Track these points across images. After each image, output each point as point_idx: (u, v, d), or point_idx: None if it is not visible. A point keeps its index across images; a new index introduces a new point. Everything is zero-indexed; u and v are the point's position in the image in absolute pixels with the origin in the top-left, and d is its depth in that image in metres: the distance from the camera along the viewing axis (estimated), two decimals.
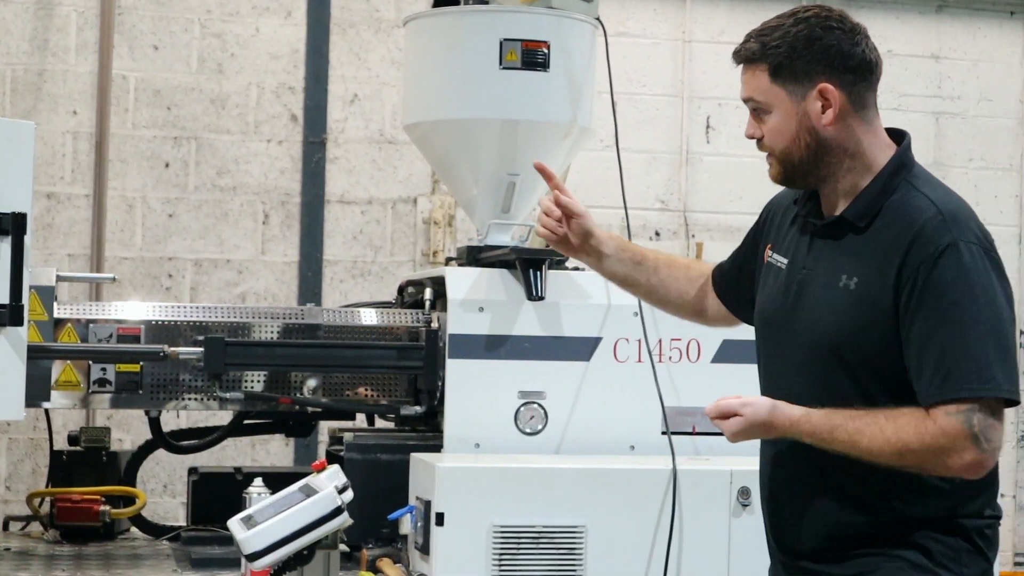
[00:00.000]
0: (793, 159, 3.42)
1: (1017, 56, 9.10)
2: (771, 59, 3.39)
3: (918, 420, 3.19)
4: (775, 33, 3.39)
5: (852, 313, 3.30)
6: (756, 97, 3.43)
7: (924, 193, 3.34)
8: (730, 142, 8.63)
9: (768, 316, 3.56)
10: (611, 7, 8.08)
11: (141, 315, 5.06)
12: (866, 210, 3.36)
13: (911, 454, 3.19)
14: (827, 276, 3.38)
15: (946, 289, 3.20)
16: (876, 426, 3.21)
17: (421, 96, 5.33)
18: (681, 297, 3.96)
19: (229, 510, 4.33)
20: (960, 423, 3.16)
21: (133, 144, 7.88)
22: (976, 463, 3.19)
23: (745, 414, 3.31)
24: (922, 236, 3.24)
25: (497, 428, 4.93)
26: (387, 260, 8.15)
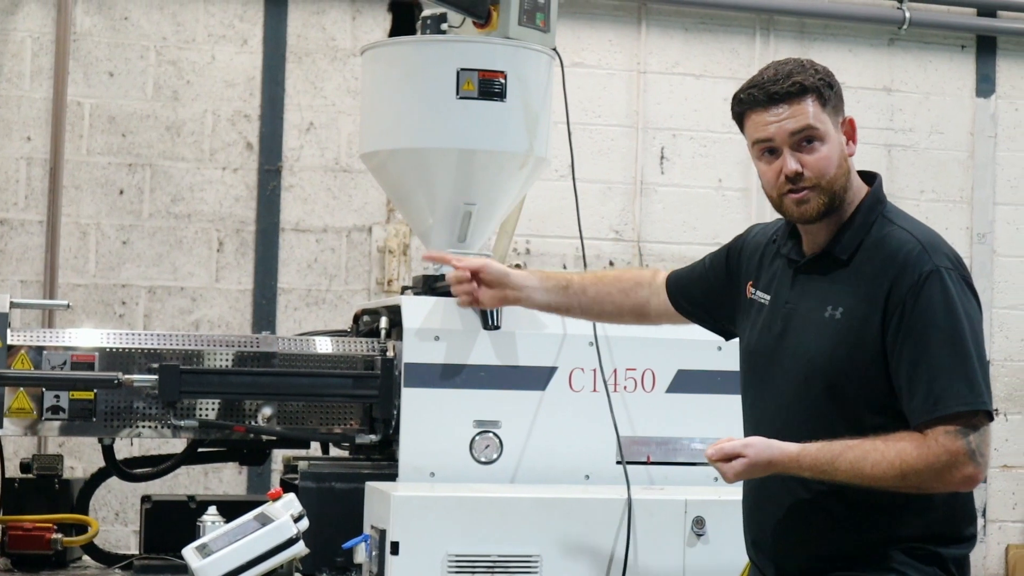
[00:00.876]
0: (835, 188, 3.51)
1: (968, 89, 9.18)
2: (817, 91, 3.51)
3: (918, 442, 3.30)
4: (805, 71, 3.51)
5: (838, 341, 3.41)
6: (814, 124, 3.50)
7: (901, 226, 3.49)
8: (684, 173, 8.67)
9: (755, 350, 3.65)
10: (567, 38, 8.13)
11: (95, 342, 5.03)
12: (850, 243, 3.49)
13: (914, 475, 3.29)
14: (812, 309, 3.49)
15: (932, 314, 3.34)
16: (877, 452, 3.31)
17: (378, 125, 5.33)
18: (618, 308, 4.17)
19: (182, 539, 4.32)
20: (960, 441, 3.28)
21: (87, 170, 7.85)
22: (972, 477, 3.32)
23: (748, 455, 3.39)
24: (906, 265, 3.38)
25: (452, 457, 4.93)
26: (342, 288, 8.15)
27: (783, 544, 3.53)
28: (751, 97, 3.54)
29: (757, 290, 3.69)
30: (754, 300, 3.69)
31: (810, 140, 3.50)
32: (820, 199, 3.50)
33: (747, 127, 3.58)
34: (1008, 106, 9.24)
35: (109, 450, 5.19)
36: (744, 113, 3.58)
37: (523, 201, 5.67)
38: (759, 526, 3.62)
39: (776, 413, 3.53)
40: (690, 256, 8.43)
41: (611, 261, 8.51)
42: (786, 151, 3.49)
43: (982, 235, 9.13)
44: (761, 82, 3.52)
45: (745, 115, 3.57)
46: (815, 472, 3.37)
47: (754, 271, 3.75)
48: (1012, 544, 9.15)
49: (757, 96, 3.52)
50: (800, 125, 3.49)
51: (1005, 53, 9.25)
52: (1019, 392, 9.19)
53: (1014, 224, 9.22)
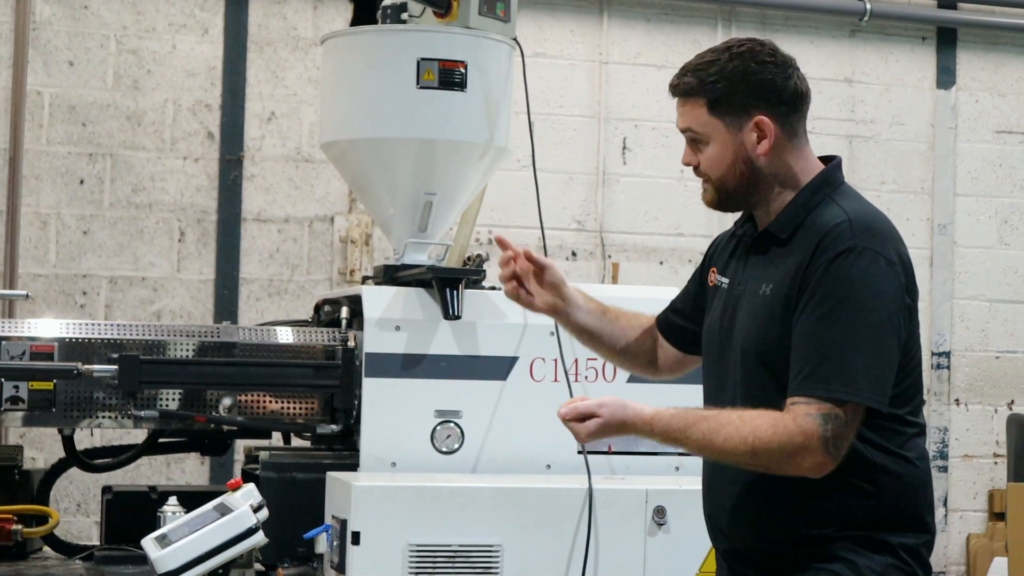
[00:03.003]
0: (728, 186, 3.52)
1: (928, 81, 9.21)
2: (709, 93, 3.48)
3: (775, 419, 3.25)
4: (711, 68, 3.48)
5: (766, 318, 3.39)
6: (695, 128, 3.52)
7: (840, 205, 3.46)
8: (646, 163, 8.68)
9: (710, 334, 3.63)
10: (528, 28, 8.13)
11: (55, 332, 5.02)
12: (787, 223, 3.47)
13: (765, 453, 3.24)
14: (754, 288, 3.47)
15: (832, 290, 3.29)
16: (732, 425, 3.28)
17: (338, 115, 5.33)
18: (639, 346, 3.99)
19: (143, 529, 4.32)
20: (816, 424, 3.22)
21: (47, 160, 7.82)
22: (820, 465, 3.25)
23: (602, 415, 3.36)
24: (825, 240, 3.34)
25: (413, 447, 4.94)
26: (304, 279, 8.13)
27: (734, 522, 3.50)
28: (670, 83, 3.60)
29: (719, 275, 3.68)
30: (717, 286, 3.68)
31: (694, 140, 3.53)
32: (712, 193, 3.55)
33: None
34: (968, 98, 9.28)
35: (69, 440, 5.17)
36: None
37: (484, 191, 5.67)
38: (713, 502, 3.59)
39: (726, 393, 3.50)
40: (652, 246, 8.54)
41: (573, 252, 8.52)
42: (687, 143, 3.56)
43: (943, 226, 9.18)
44: (681, 68, 3.55)
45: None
46: (666, 438, 3.34)
47: (718, 258, 3.74)
48: (973, 534, 9.20)
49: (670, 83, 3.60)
50: (683, 125, 3.54)
51: (965, 45, 9.29)
52: (979, 382, 9.24)
53: (974, 215, 9.26)
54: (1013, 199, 9.33)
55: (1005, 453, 8.91)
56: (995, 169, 9.31)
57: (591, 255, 8.59)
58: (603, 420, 3.36)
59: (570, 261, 8.49)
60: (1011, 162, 9.33)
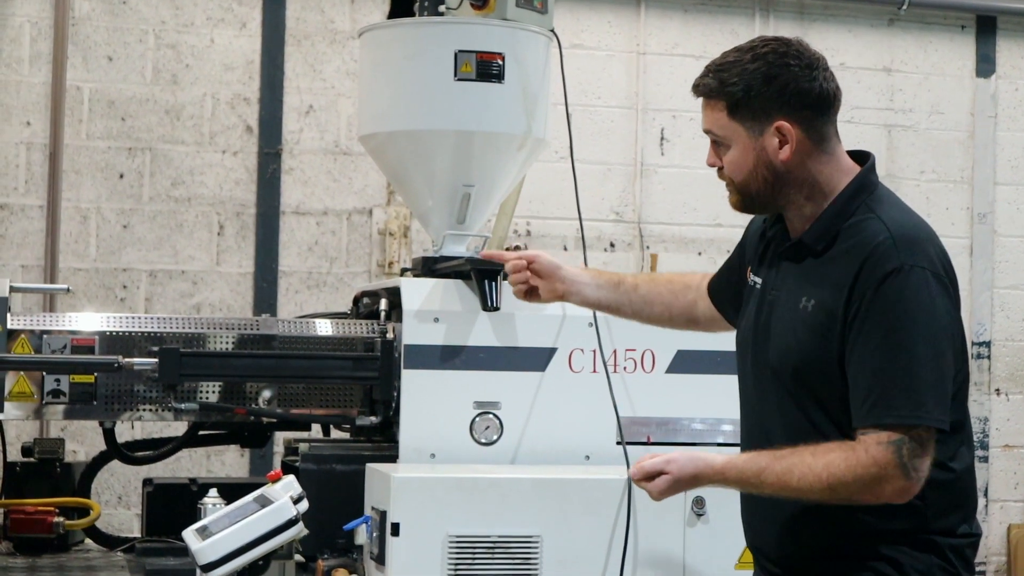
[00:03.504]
0: (751, 191, 3.45)
1: (968, 69, 9.17)
2: (728, 96, 3.42)
3: (847, 452, 3.20)
4: (733, 70, 3.41)
5: (808, 335, 3.32)
6: (715, 131, 3.47)
7: (879, 216, 3.35)
8: (684, 154, 8.67)
9: (743, 336, 3.59)
10: (565, 19, 8.12)
11: (95, 326, 5.03)
12: (823, 233, 3.39)
13: (843, 487, 3.20)
14: (790, 298, 3.41)
15: (886, 314, 3.21)
16: (804, 464, 3.23)
17: (376, 107, 5.33)
18: (668, 310, 4.02)
19: (184, 521, 4.33)
20: (891, 452, 3.17)
21: (87, 155, 7.86)
22: (903, 490, 3.20)
23: (671, 471, 3.35)
24: (871, 260, 3.26)
25: (452, 438, 4.94)
26: (342, 271, 8.15)
27: (769, 531, 3.46)
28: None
29: (753, 275, 3.62)
30: (751, 285, 3.62)
31: (716, 143, 3.49)
32: (735, 196, 3.49)
33: None
34: (1008, 86, 9.24)
35: (110, 433, 5.19)
36: None
37: (522, 182, 5.67)
38: (749, 512, 3.56)
39: (760, 402, 3.46)
40: (690, 237, 8.53)
41: (611, 243, 8.51)
42: (711, 144, 3.52)
43: (983, 215, 9.13)
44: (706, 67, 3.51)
45: None
46: (742, 485, 3.32)
47: (752, 255, 3.68)
48: (1014, 524, 9.16)
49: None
50: (705, 126, 3.50)
51: (1005, 33, 9.24)
52: (1020, 372, 9.20)
53: (1015, 204, 9.22)
54: None
55: None
56: None
57: (629, 246, 8.58)
58: (673, 476, 3.35)
59: (608, 252, 8.49)
60: None
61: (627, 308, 4.05)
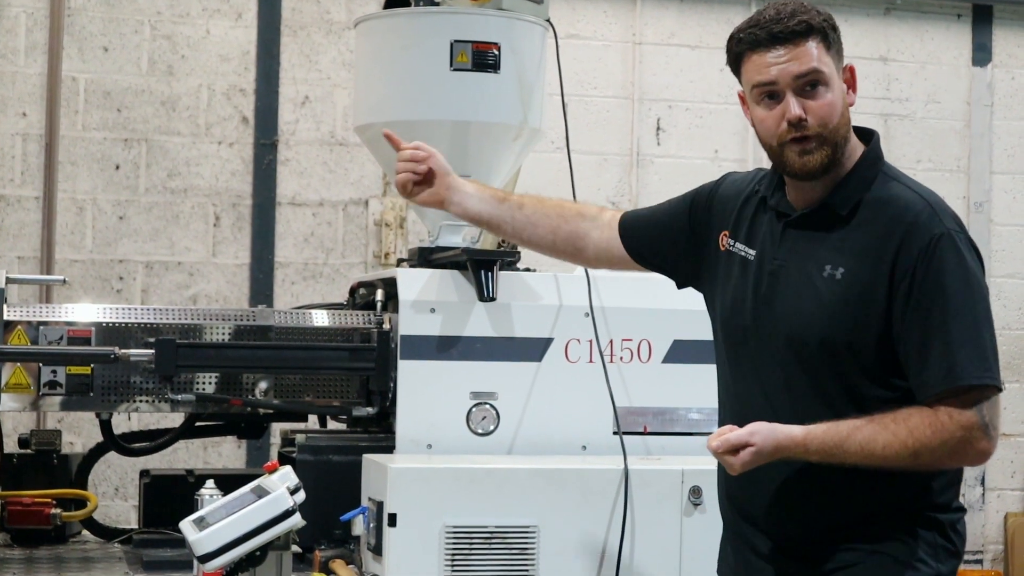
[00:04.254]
0: (838, 138, 3.33)
1: (964, 59, 9.17)
2: (822, 32, 3.32)
3: (930, 418, 3.19)
4: (809, 11, 3.33)
5: (840, 304, 3.27)
6: (820, 67, 3.30)
7: (906, 185, 3.35)
8: (680, 144, 8.67)
9: (739, 313, 3.46)
10: (561, 9, 8.12)
11: (92, 317, 5.03)
12: (848, 198, 3.33)
13: (928, 452, 3.19)
14: (807, 267, 3.33)
15: (945, 282, 3.22)
16: (888, 431, 3.20)
17: (372, 98, 5.33)
18: (552, 234, 3.88)
19: (181, 512, 4.32)
20: (974, 415, 3.19)
21: (83, 146, 7.85)
22: (985, 451, 3.25)
23: (755, 443, 3.23)
24: (916, 227, 3.24)
25: (449, 429, 4.94)
26: (338, 262, 8.15)
27: (779, 516, 3.40)
28: (752, 37, 3.32)
29: (737, 241, 3.50)
30: (734, 253, 3.49)
31: (814, 85, 3.30)
32: (824, 151, 3.31)
33: (746, 69, 3.37)
34: (1004, 75, 9.24)
35: (107, 425, 5.19)
36: (743, 54, 3.35)
37: (518, 173, 5.67)
38: (750, 498, 3.47)
39: (763, 378, 3.38)
40: None
41: None
42: (789, 95, 3.29)
43: (979, 204, 9.14)
44: (762, 21, 3.32)
45: (744, 56, 3.35)
46: (823, 455, 3.22)
47: (730, 221, 3.55)
48: (1011, 512, 9.17)
49: (759, 36, 3.31)
50: (805, 68, 3.29)
51: (1001, 22, 9.24)
52: (1017, 360, 9.20)
53: (1011, 193, 9.22)
54: None
55: None
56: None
57: None
58: (756, 448, 3.22)
59: None
60: None
61: (508, 225, 3.93)
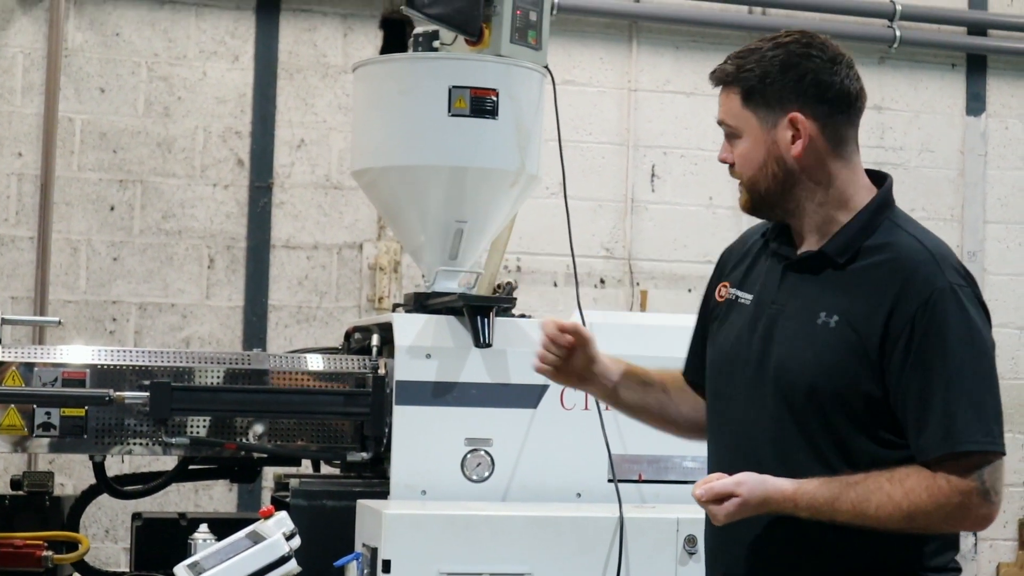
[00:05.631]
0: (759, 188, 3.30)
1: (958, 108, 9.19)
2: (743, 83, 3.26)
3: (927, 481, 3.08)
4: (751, 56, 3.27)
5: (832, 352, 3.16)
6: (727, 120, 3.31)
7: (910, 233, 3.25)
8: (675, 190, 8.68)
9: (730, 353, 3.36)
10: (558, 55, 8.13)
11: (86, 359, 5.02)
12: (847, 246, 3.23)
13: (923, 517, 3.08)
14: (802, 312, 3.24)
15: (946, 339, 3.10)
16: (882, 491, 3.08)
17: (370, 142, 5.34)
18: (695, 411, 3.62)
19: (173, 556, 4.32)
20: (973, 480, 3.06)
21: (78, 186, 7.85)
22: (986, 517, 3.10)
23: (741, 494, 3.11)
24: (915, 278, 3.14)
25: (444, 475, 4.93)
26: (332, 306, 8.14)
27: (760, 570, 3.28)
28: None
29: (735, 288, 3.42)
30: (733, 300, 3.41)
31: (729, 135, 3.31)
32: (745, 195, 3.33)
33: None
34: (998, 124, 9.26)
35: (100, 467, 5.18)
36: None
37: (514, 218, 5.67)
38: (734, 558, 3.35)
39: (751, 423, 3.27)
40: (680, 274, 8.52)
41: (602, 279, 8.51)
42: (725, 138, 3.35)
43: (972, 253, 9.14)
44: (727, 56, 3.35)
45: None
46: (812, 512, 3.10)
47: (729, 272, 3.48)
48: (1003, 563, 9.14)
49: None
50: (719, 116, 3.32)
51: (995, 72, 9.27)
52: (1010, 410, 9.10)
53: (1004, 242, 9.23)
54: None
55: None
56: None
57: (619, 282, 8.58)
58: (743, 499, 3.10)
59: (598, 288, 8.49)
60: None
61: (654, 410, 3.66)
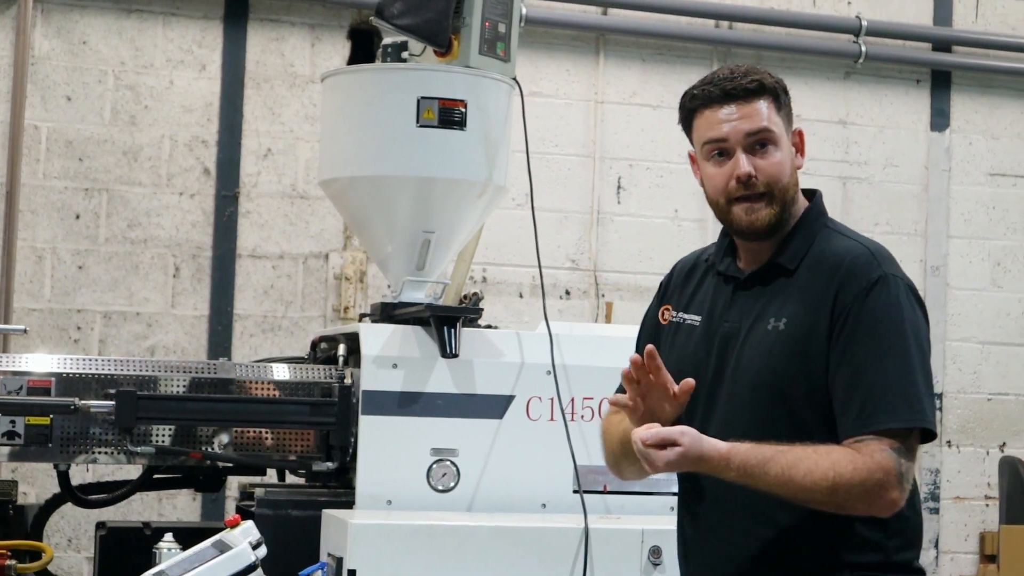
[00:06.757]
0: (786, 198, 3.36)
1: (922, 123, 9.24)
2: (773, 94, 3.37)
3: (851, 455, 3.13)
4: (762, 73, 3.39)
5: (783, 352, 3.25)
6: (771, 127, 3.35)
7: (849, 236, 3.38)
8: (640, 203, 8.70)
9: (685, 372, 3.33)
10: (525, 67, 8.14)
11: (51, 367, 5.01)
12: (795, 254, 3.34)
13: (844, 490, 3.12)
14: (756, 323, 3.33)
15: (875, 322, 3.20)
16: (810, 460, 3.13)
17: (338, 152, 5.34)
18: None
19: (137, 565, 4.31)
20: (892, 460, 3.12)
21: (44, 195, 7.82)
22: (895, 502, 3.16)
23: (684, 444, 3.12)
24: (854, 271, 3.25)
25: (409, 485, 4.93)
26: (298, 315, 8.13)
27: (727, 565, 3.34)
28: (706, 93, 3.36)
29: (680, 312, 3.49)
30: (679, 322, 3.48)
31: (764, 144, 3.33)
32: (771, 209, 3.33)
33: (697, 126, 3.39)
34: (962, 140, 9.32)
35: (64, 476, 5.17)
36: (696, 110, 3.38)
37: (481, 229, 5.68)
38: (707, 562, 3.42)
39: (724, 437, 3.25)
40: (645, 286, 8.53)
41: (567, 290, 8.53)
42: (739, 152, 3.32)
43: (936, 268, 9.19)
44: (716, 79, 3.37)
45: (697, 112, 3.38)
46: (743, 473, 3.14)
47: (671, 296, 3.56)
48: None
49: (712, 92, 3.35)
50: (756, 126, 3.32)
51: (959, 88, 9.32)
52: (971, 424, 9.24)
53: (967, 257, 9.28)
54: (1006, 241, 9.35)
55: (997, 495, 8.92)
56: (988, 211, 9.34)
57: (585, 294, 8.59)
58: (683, 449, 3.12)
59: (564, 300, 8.50)
60: (1004, 204, 9.36)
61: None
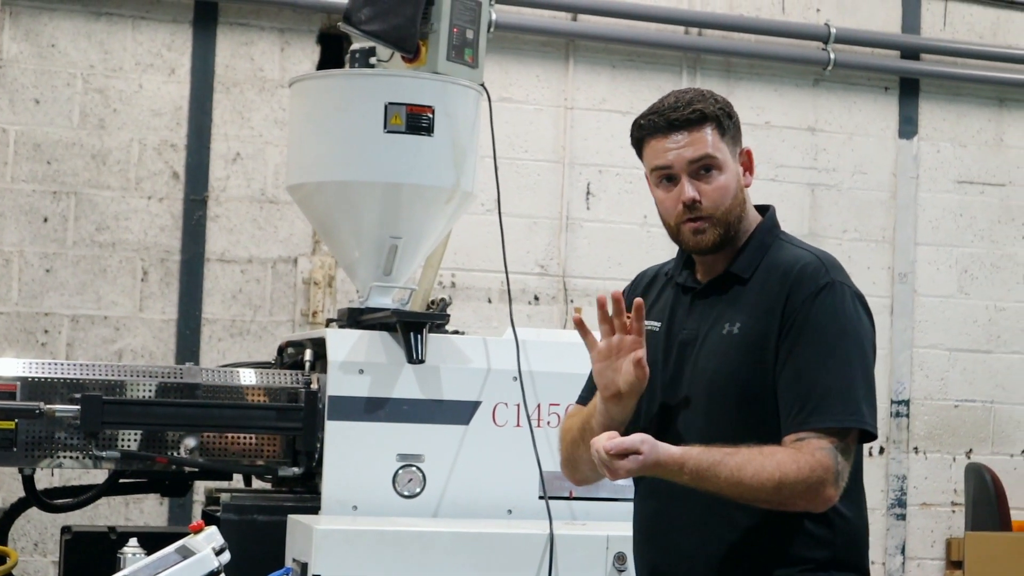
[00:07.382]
0: (731, 218, 3.48)
1: (891, 130, 9.28)
2: (716, 119, 3.47)
3: (794, 454, 3.24)
4: (705, 99, 3.49)
5: (737, 357, 3.37)
6: (714, 153, 3.46)
7: (800, 246, 3.51)
8: (610, 209, 8.71)
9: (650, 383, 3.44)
10: (494, 73, 8.15)
11: (16, 371, 5.00)
12: (749, 263, 3.47)
13: (788, 488, 3.22)
14: (712, 329, 3.44)
15: (820, 326, 3.32)
16: (756, 462, 3.23)
17: (305, 157, 5.34)
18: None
19: (102, 570, 4.30)
20: (831, 458, 3.24)
21: (11, 198, 7.80)
22: (830, 499, 3.27)
23: (643, 452, 3.22)
24: (803, 277, 3.37)
25: (375, 491, 4.93)
26: (266, 320, 8.13)
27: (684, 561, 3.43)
28: (652, 123, 3.49)
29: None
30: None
31: (708, 169, 3.45)
32: (716, 230, 3.46)
33: (646, 154, 3.52)
34: (930, 148, 9.35)
35: (29, 480, 5.15)
36: (643, 139, 3.52)
37: (449, 235, 5.69)
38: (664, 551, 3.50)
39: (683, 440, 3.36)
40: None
41: (536, 296, 8.53)
42: (684, 178, 3.45)
43: (903, 275, 9.23)
44: (661, 109, 3.48)
45: (644, 141, 3.52)
46: (696, 476, 3.24)
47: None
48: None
49: (657, 123, 3.48)
50: (699, 153, 3.45)
51: (928, 95, 9.36)
52: (938, 431, 9.28)
53: (935, 264, 9.32)
54: (973, 249, 9.39)
55: (963, 502, 8.96)
56: (956, 219, 9.38)
57: (553, 299, 8.60)
58: (643, 457, 3.21)
59: (532, 305, 8.51)
60: (972, 212, 9.40)
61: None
